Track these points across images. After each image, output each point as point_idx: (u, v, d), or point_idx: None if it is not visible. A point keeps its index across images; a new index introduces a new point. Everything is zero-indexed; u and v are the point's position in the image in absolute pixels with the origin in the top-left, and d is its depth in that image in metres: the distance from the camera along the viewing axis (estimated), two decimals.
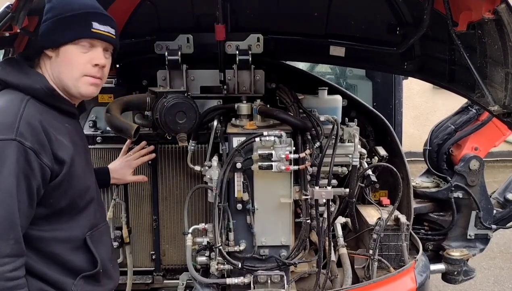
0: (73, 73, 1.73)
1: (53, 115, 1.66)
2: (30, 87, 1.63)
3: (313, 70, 5.08)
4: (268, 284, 2.32)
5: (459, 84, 2.33)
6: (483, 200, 3.30)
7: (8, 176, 1.46)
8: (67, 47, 1.71)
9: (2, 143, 1.47)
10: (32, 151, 1.50)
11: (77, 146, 1.73)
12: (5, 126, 1.49)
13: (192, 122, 2.40)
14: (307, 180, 2.35)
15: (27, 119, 1.53)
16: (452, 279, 3.17)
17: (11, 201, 1.47)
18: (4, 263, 1.45)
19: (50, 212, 1.62)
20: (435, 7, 2.14)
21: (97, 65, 1.75)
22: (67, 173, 1.62)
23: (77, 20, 1.71)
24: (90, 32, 1.72)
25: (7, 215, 1.46)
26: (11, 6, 1.77)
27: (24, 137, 1.49)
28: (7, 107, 1.56)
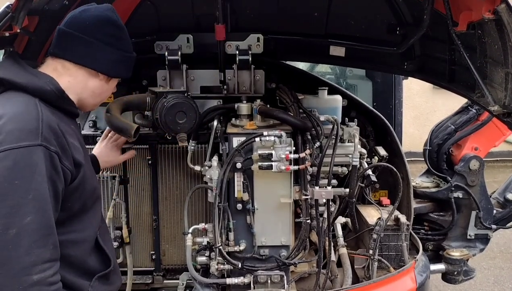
0: (103, 99, 1.88)
1: (60, 118, 1.64)
2: (41, 89, 1.59)
3: (313, 70, 5.07)
4: (268, 284, 2.32)
5: (459, 84, 2.33)
6: (483, 200, 3.30)
7: (41, 182, 1.45)
8: (115, 80, 1.86)
9: (29, 149, 1.44)
10: (56, 155, 1.50)
11: (83, 147, 1.74)
12: (29, 132, 1.47)
13: (192, 122, 2.40)
14: (307, 180, 2.35)
15: (48, 123, 1.51)
16: (452, 279, 3.17)
17: (47, 207, 1.47)
18: (46, 268, 1.45)
19: (66, 215, 1.61)
20: (435, 7, 2.14)
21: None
22: (82, 175, 1.63)
23: (131, 62, 1.88)
24: (131, 74, 1.90)
25: (46, 221, 1.47)
26: (11, 6, 1.77)
27: (48, 142, 1.48)
28: (25, 111, 1.51)
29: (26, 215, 1.43)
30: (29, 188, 1.43)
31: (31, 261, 1.42)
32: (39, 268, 1.43)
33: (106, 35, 1.73)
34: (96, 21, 1.71)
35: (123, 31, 1.79)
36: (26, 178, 1.43)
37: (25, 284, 1.41)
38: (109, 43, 1.74)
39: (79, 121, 2.85)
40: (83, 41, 1.70)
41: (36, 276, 1.42)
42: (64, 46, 1.71)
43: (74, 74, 1.71)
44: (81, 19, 1.71)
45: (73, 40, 1.70)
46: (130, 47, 1.84)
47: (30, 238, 1.43)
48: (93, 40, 1.70)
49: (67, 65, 1.71)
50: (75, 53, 1.70)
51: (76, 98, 1.74)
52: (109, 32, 1.74)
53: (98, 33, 1.71)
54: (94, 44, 1.71)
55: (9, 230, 1.41)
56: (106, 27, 1.73)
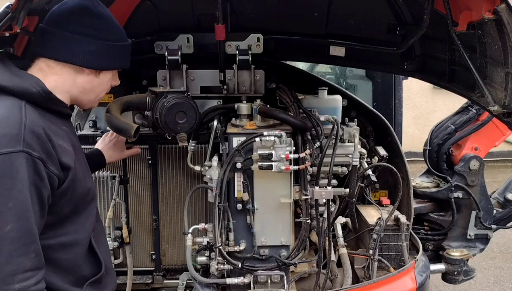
0: (100, 94, 1.79)
1: (50, 119, 1.59)
2: (26, 91, 1.53)
3: (313, 70, 5.07)
4: (268, 284, 2.32)
5: (459, 84, 2.33)
6: (483, 200, 3.30)
7: (22, 190, 1.41)
8: (108, 73, 1.75)
9: (10, 156, 1.40)
10: (40, 161, 1.45)
11: (76, 148, 1.69)
12: (11, 137, 1.42)
13: (192, 122, 2.40)
14: (307, 180, 2.35)
15: (31, 128, 1.46)
16: (452, 279, 3.17)
17: (28, 215, 1.43)
18: (27, 277, 1.42)
19: (56, 219, 1.58)
20: (435, 7, 2.14)
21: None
22: (72, 178, 1.58)
23: (125, 51, 1.78)
24: (129, 63, 1.81)
25: (26, 229, 1.43)
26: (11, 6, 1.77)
27: (31, 148, 1.44)
28: (8, 116, 1.47)
29: (6, 223, 1.39)
30: (10, 195, 1.40)
31: (12, 270, 1.39)
32: (20, 277, 1.40)
33: (83, 26, 1.63)
34: (71, 13, 1.63)
35: (103, 20, 1.68)
36: (6, 185, 1.40)
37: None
38: (88, 34, 1.64)
39: (79, 121, 2.87)
40: (60, 35, 1.62)
41: (17, 285, 1.39)
42: (43, 44, 1.64)
43: (59, 72, 1.64)
44: (57, 13, 1.65)
45: (51, 36, 1.63)
46: (116, 35, 1.73)
47: (11, 246, 1.39)
48: (69, 33, 1.62)
49: (51, 64, 1.64)
50: (54, 49, 1.63)
51: (66, 96, 1.68)
52: (86, 23, 1.64)
53: (73, 25, 1.62)
54: (71, 38, 1.62)
55: None
56: (82, 18, 1.63)
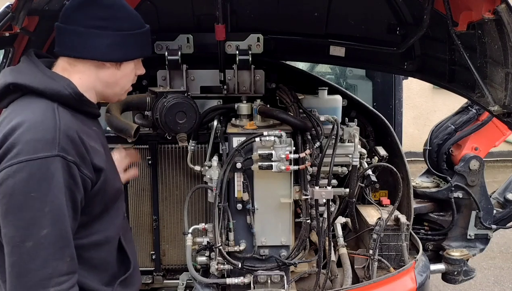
0: (125, 86, 1.75)
1: (81, 120, 1.58)
2: (58, 94, 1.52)
3: (313, 70, 5.07)
4: (268, 284, 2.32)
5: (459, 84, 2.33)
6: (483, 200, 3.30)
7: (58, 194, 1.42)
8: (129, 63, 1.70)
9: (46, 160, 1.41)
10: (74, 165, 1.45)
11: (105, 149, 1.68)
12: (46, 142, 1.42)
13: (192, 122, 2.40)
14: (307, 180, 2.35)
15: (66, 131, 1.46)
16: (452, 279, 3.17)
17: (64, 219, 1.44)
18: (62, 281, 1.43)
19: (88, 218, 1.58)
20: (435, 7, 2.14)
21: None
22: (103, 179, 1.58)
23: (144, 38, 1.72)
24: (150, 49, 1.77)
25: (62, 233, 1.44)
26: (11, 6, 1.77)
27: (66, 152, 1.44)
28: (42, 120, 1.45)
29: (42, 227, 1.40)
30: (46, 200, 1.41)
31: (48, 274, 1.40)
32: (56, 280, 1.41)
33: (95, 19, 1.58)
34: (81, 7, 1.59)
35: (114, 9, 1.62)
36: (43, 190, 1.40)
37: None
38: (101, 27, 1.59)
39: None
40: (74, 32, 1.58)
41: (52, 289, 1.41)
42: (61, 42, 1.61)
43: (81, 69, 1.61)
44: (68, 9, 1.61)
45: (66, 33, 1.60)
46: (130, 23, 1.67)
47: (47, 250, 1.41)
48: (82, 28, 1.58)
49: (72, 62, 1.61)
50: (71, 47, 1.60)
51: (92, 93, 1.66)
52: (97, 15, 1.58)
53: (85, 19, 1.58)
54: (85, 33, 1.58)
55: (26, 243, 1.39)
56: (92, 11, 1.58)
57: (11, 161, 1.40)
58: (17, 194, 1.40)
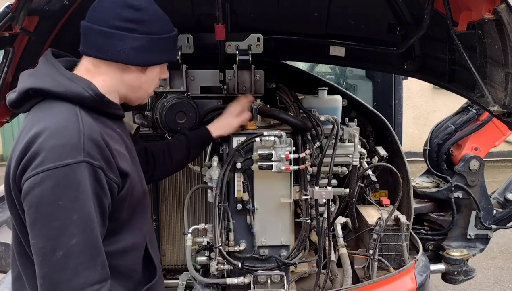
0: (148, 90, 1.71)
1: (104, 123, 1.54)
2: (79, 96, 1.47)
3: (313, 70, 5.08)
4: (268, 284, 2.32)
5: (459, 84, 2.33)
6: (483, 200, 3.30)
7: (86, 201, 1.38)
8: (155, 67, 1.66)
9: (72, 167, 1.36)
10: (100, 169, 1.42)
11: (130, 150, 1.65)
12: (71, 148, 1.38)
13: (192, 122, 2.40)
14: (307, 180, 2.35)
15: (90, 135, 1.42)
16: (452, 279, 3.17)
17: (93, 226, 1.40)
18: (95, 290, 1.40)
19: (115, 225, 1.55)
20: (435, 7, 2.14)
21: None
22: (129, 184, 1.54)
23: (171, 43, 1.68)
24: (176, 54, 1.74)
25: (92, 241, 1.40)
26: (11, 6, 1.77)
27: (91, 157, 1.40)
28: (65, 125, 1.41)
29: (72, 236, 1.37)
30: (74, 208, 1.37)
31: (80, 283, 1.37)
32: (89, 290, 1.39)
33: (124, 21, 1.53)
34: (110, 7, 1.53)
35: (145, 11, 1.56)
36: (70, 198, 1.37)
37: None
38: (130, 29, 1.53)
39: None
40: (102, 33, 1.52)
41: None
42: (86, 42, 1.56)
43: (105, 71, 1.57)
44: (97, 8, 1.56)
45: (93, 33, 1.54)
46: (160, 27, 1.62)
47: (78, 259, 1.37)
48: (109, 30, 1.52)
49: (96, 63, 1.56)
50: (96, 47, 1.54)
51: (115, 96, 1.62)
52: (126, 16, 1.53)
53: (115, 20, 1.52)
54: (112, 34, 1.52)
55: (56, 252, 1.36)
56: (123, 12, 1.53)
57: (36, 169, 1.36)
58: (44, 204, 1.36)
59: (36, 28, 2.06)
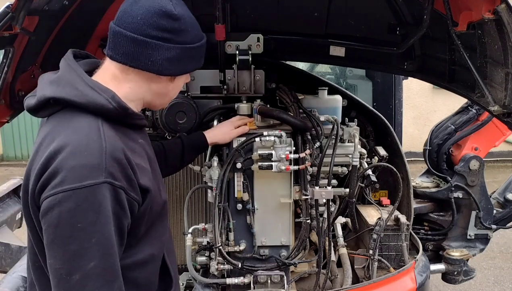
0: (174, 96, 1.67)
1: (126, 134, 1.48)
2: (102, 108, 1.40)
3: (313, 70, 5.07)
4: (268, 284, 2.32)
5: (459, 84, 2.33)
6: (483, 200, 3.30)
7: (106, 224, 1.33)
8: (183, 76, 1.61)
9: (93, 188, 1.31)
10: (122, 190, 1.36)
11: (151, 161, 1.60)
12: (92, 168, 1.32)
13: (192, 122, 2.40)
14: (307, 180, 2.35)
15: (112, 154, 1.35)
16: (452, 279, 3.17)
17: (112, 251, 1.36)
18: None
19: (134, 239, 1.50)
20: (435, 7, 2.14)
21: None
22: (149, 200, 1.49)
23: (202, 50, 1.62)
24: (203, 60, 1.67)
25: (110, 265, 1.36)
26: (11, 6, 1.77)
27: (113, 177, 1.34)
28: (87, 143, 1.35)
29: (90, 259, 1.32)
30: (93, 231, 1.32)
31: None
32: None
33: (161, 30, 1.45)
34: (147, 15, 1.44)
35: (182, 21, 1.50)
36: (90, 220, 1.31)
37: None
38: (165, 39, 1.46)
39: None
40: (135, 40, 1.44)
41: None
42: (117, 48, 1.47)
43: (134, 79, 1.50)
44: (131, 13, 1.46)
45: (125, 40, 1.45)
46: (194, 36, 1.56)
47: (95, 283, 1.33)
48: (145, 38, 1.44)
49: (125, 70, 1.49)
50: (128, 55, 1.46)
51: (140, 103, 1.57)
52: (163, 26, 1.45)
53: (150, 29, 1.44)
54: (146, 43, 1.45)
55: (73, 276, 1.31)
56: (159, 21, 1.45)
57: (55, 188, 1.31)
58: (63, 225, 1.31)
59: (36, 28, 2.06)
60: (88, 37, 2.66)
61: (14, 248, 3.00)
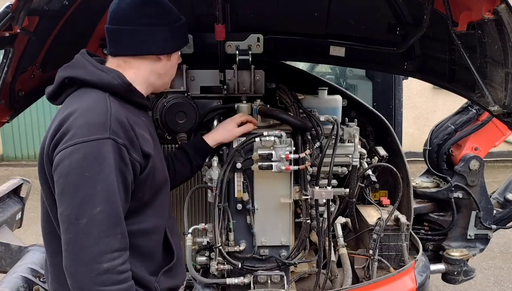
0: (172, 75, 1.89)
1: (130, 110, 1.68)
2: (109, 84, 1.63)
3: (313, 70, 5.07)
4: (268, 284, 2.32)
5: (459, 84, 2.33)
6: (483, 200, 3.30)
7: (109, 174, 1.50)
8: (176, 53, 1.84)
9: (98, 142, 1.50)
10: (124, 147, 1.54)
11: (154, 139, 1.77)
12: (99, 125, 1.52)
13: (192, 122, 2.40)
14: (307, 180, 2.35)
15: (116, 116, 1.56)
16: (452, 279, 3.17)
17: (115, 198, 1.52)
18: (115, 257, 1.50)
19: (138, 204, 1.66)
20: (435, 7, 2.14)
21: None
22: (151, 166, 1.66)
23: (184, 28, 1.85)
24: (187, 39, 1.90)
25: (113, 211, 1.51)
26: (11, 6, 1.77)
27: (116, 135, 1.53)
28: (94, 106, 1.57)
29: (95, 205, 1.48)
30: (98, 179, 1.49)
31: (101, 250, 1.48)
32: (109, 256, 1.49)
33: (148, 17, 1.70)
34: (134, 7, 1.69)
35: (161, 4, 1.75)
36: (95, 170, 1.49)
37: (96, 272, 1.47)
38: (154, 23, 1.71)
39: None
40: (130, 32, 1.69)
41: (106, 264, 1.48)
42: (116, 44, 1.72)
43: (135, 65, 1.73)
44: (120, 10, 1.70)
45: (121, 34, 1.70)
46: (174, 15, 1.79)
47: (99, 227, 1.48)
48: (138, 27, 1.69)
49: (127, 60, 1.72)
50: (129, 46, 1.71)
51: (144, 86, 1.77)
52: (149, 12, 1.70)
53: (140, 18, 1.69)
54: (140, 31, 1.70)
55: (80, 220, 1.47)
56: (144, 9, 1.70)
57: (66, 143, 1.50)
58: (72, 174, 1.49)
59: (36, 28, 2.06)
60: (88, 37, 2.67)
61: (14, 248, 3.00)
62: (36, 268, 2.64)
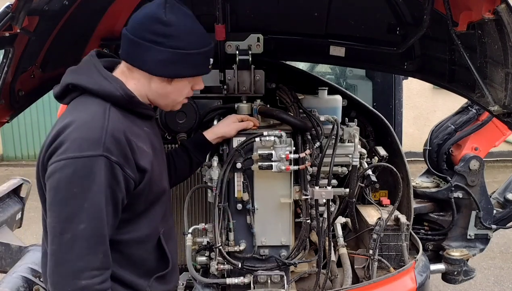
0: (177, 99, 1.81)
1: (132, 121, 1.67)
2: (111, 94, 1.61)
3: (313, 70, 5.07)
4: (268, 284, 2.32)
5: (459, 84, 2.33)
6: (483, 200, 3.30)
7: (97, 193, 1.50)
8: (182, 80, 1.75)
9: (91, 159, 1.49)
10: (117, 165, 1.53)
11: (155, 149, 1.75)
12: (92, 141, 1.50)
13: (192, 122, 2.40)
14: (307, 180, 2.35)
15: (112, 132, 1.54)
16: (452, 279, 3.17)
17: (101, 216, 1.51)
18: (94, 275, 1.51)
19: (131, 215, 1.66)
20: (435, 7, 2.14)
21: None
22: (148, 180, 1.65)
23: (200, 58, 1.75)
24: (208, 69, 1.80)
25: (97, 229, 1.51)
26: (11, 6, 1.77)
27: (110, 152, 1.51)
28: (91, 120, 1.55)
29: (80, 222, 1.49)
30: (86, 196, 1.49)
31: (81, 267, 1.49)
32: (88, 274, 1.50)
33: (153, 34, 1.64)
34: (144, 20, 1.66)
35: (173, 27, 1.65)
36: (84, 187, 1.49)
37: (74, 286, 1.48)
38: (157, 42, 1.64)
39: None
40: (134, 42, 1.66)
41: (84, 281, 1.49)
42: (123, 48, 1.70)
43: (136, 76, 1.70)
44: (134, 19, 1.69)
45: (128, 42, 1.67)
46: (188, 42, 1.69)
47: (82, 244, 1.49)
48: (141, 41, 1.64)
49: (130, 68, 1.70)
50: (128, 55, 1.69)
51: (146, 100, 1.75)
52: (155, 30, 1.64)
53: (145, 32, 1.64)
54: (141, 45, 1.65)
55: (65, 234, 1.49)
56: (152, 25, 1.64)
57: (59, 156, 1.50)
58: (61, 188, 1.49)
59: (36, 28, 2.06)
60: (88, 37, 2.66)
61: (14, 248, 3.00)
62: (36, 268, 2.64)
